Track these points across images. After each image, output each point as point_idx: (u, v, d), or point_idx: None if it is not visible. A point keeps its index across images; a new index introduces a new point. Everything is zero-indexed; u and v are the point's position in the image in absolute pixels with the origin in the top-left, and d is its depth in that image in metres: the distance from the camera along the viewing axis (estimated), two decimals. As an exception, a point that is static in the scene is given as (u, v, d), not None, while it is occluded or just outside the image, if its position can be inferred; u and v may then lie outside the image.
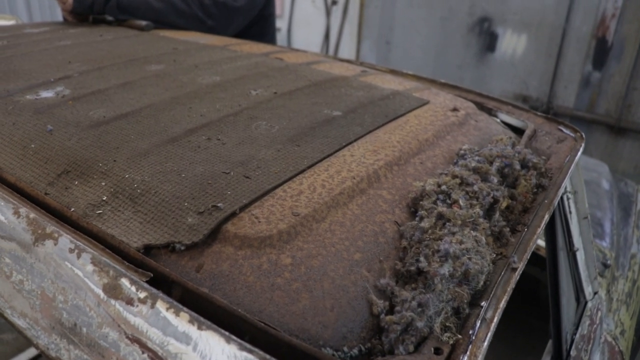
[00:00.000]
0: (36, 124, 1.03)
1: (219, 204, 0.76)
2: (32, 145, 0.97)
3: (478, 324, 0.70)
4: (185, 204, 0.77)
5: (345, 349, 0.66)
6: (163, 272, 0.68)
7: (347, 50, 6.22)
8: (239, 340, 0.57)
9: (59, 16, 5.64)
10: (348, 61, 1.70)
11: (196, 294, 0.66)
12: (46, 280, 0.72)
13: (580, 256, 1.58)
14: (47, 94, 1.18)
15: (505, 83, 5.37)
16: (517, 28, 5.15)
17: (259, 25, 2.29)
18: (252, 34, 2.21)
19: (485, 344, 0.68)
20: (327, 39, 6.34)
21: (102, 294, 0.65)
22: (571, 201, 1.42)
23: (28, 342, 0.77)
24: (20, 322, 0.77)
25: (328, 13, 6.27)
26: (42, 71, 1.34)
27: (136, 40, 1.71)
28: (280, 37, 6.38)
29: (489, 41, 5.40)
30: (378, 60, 6.09)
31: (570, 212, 1.43)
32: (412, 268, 0.76)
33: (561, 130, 1.34)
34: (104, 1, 1.99)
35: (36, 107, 1.10)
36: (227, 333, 0.58)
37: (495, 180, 0.94)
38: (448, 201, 0.87)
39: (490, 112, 1.43)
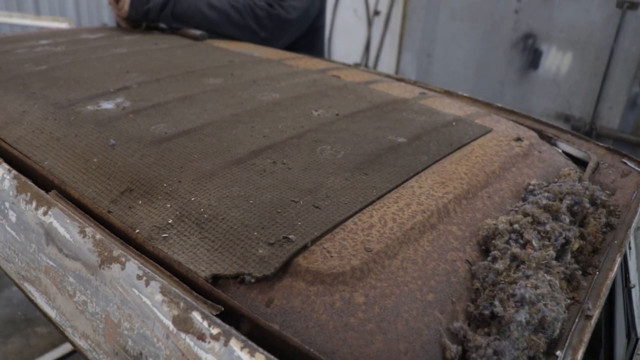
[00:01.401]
0: (98, 137, 1.03)
1: (290, 236, 0.74)
2: (95, 159, 0.96)
3: None
4: (255, 233, 0.75)
5: (420, 396, 0.63)
6: (233, 305, 0.66)
7: (387, 61, 6.18)
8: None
9: (104, 18, 5.72)
10: (402, 80, 1.67)
11: (267, 331, 0.64)
12: (112, 305, 0.70)
13: (635, 293, 1.53)
14: (107, 105, 1.17)
15: (548, 101, 5.27)
16: (563, 46, 5.06)
17: (309, 37, 2.28)
18: (302, 45, 2.20)
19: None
20: (367, 49, 6.31)
21: (171, 326, 0.63)
22: (632, 237, 1.38)
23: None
24: (81, 343, 0.75)
25: (370, 23, 6.25)
26: (102, 80, 1.34)
27: (191, 50, 1.71)
28: (321, 46, 6.36)
29: (533, 58, 5.31)
30: (418, 73, 6.05)
31: (630, 248, 1.38)
32: (486, 312, 0.73)
33: (625, 163, 1.29)
34: (159, 9, 2.00)
35: (97, 118, 1.10)
36: (304, 379, 0.56)
37: (567, 219, 0.91)
38: (520, 241, 0.84)
39: (550, 140, 1.39)
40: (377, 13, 6.21)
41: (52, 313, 0.80)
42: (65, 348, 3.07)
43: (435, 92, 1.56)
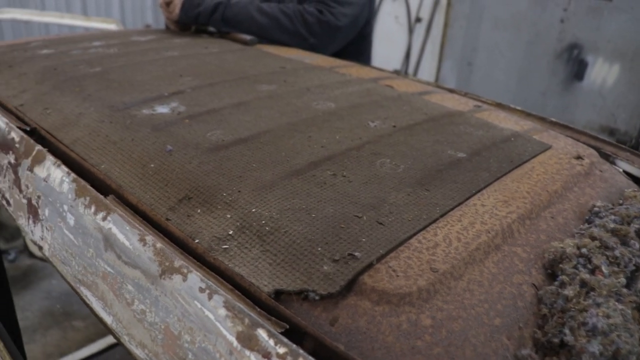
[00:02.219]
0: (155, 142, 1.02)
1: (355, 253, 0.72)
2: (152, 165, 0.96)
3: None
4: (319, 248, 0.73)
5: None
6: (297, 323, 0.65)
7: (428, 69, 6.14)
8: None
9: (148, 19, 5.80)
10: (453, 91, 1.64)
11: (332, 351, 0.62)
12: (172, 317, 0.69)
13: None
14: (162, 109, 1.17)
15: (592, 114, 5.16)
16: (610, 57, 4.95)
17: (357, 44, 2.26)
18: (349, 52, 2.18)
19: None
20: (407, 56, 6.27)
21: (235, 342, 0.62)
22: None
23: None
24: (137, 352, 0.75)
25: (411, 30, 6.21)
26: (155, 84, 1.34)
27: (242, 55, 1.71)
28: (361, 51, 6.34)
29: (578, 69, 5.20)
30: (458, 81, 5.98)
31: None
32: (555, 340, 0.70)
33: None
34: (210, 13, 2.00)
35: (153, 123, 1.10)
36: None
37: (637, 245, 0.87)
38: (589, 266, 0.81)
39: (609, 158, 1.35)
40: (418, 20, 6.17)
41: (108, 319, 0.80)
42: (101, 344, 3.11)
43: (487, 105, 1.53)
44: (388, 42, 6.38)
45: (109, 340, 3.07)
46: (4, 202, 1.11)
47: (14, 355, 1.33)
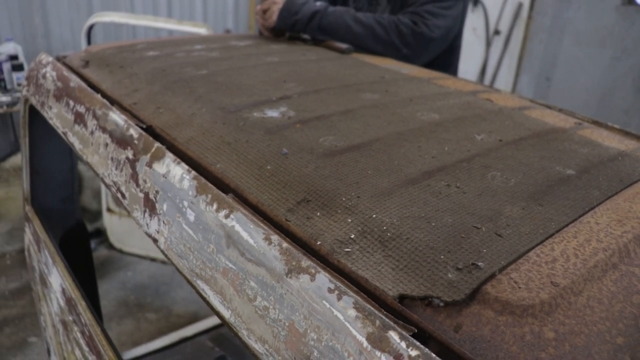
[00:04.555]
0: (269, 145, 1.06)
1: (478, 263, 0.74)
2: (268, 167, 0.99)
3: None
4: (442, 256, 0.75)
5: None
6: (423, 327, 0.67)
7: (504, 82, 6.06)
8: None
9: (229, 23, 5.95)
10: (549, 107, 1.64)
11: (458, 356, 0.64)
12: (297, 315, 0.72)
13: None
14: (272, 113, 1.22)
15: (677, 135, 4.97)
16: (701, 77, 4.76)
17: (446, 56, 2.28)
18: (439, 63, 2.20)
19: None
20: (484, 69, 6.21)
21: (365, 343, 0.65)
22: None
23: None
24: (256, 346, 0.78)
25: (488, 43, 6.14)
26: (262, 88, 1.39)
27: (340, 63, 1.75)
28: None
29: (664, 87, 5.03)
30: (535, 96, 5.88)
31: None
32: (677, 362, 0.70)
33: None
34: (307, 21, 2.06)
35: (266, 126, 1.14)
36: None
37: None
38: None
39: None
40: (497, 33, 6.10)
41: (226, 313, 0.84)
42: (173, 336, 3.21)
43: (587, 122, 1.51)
44: (464, 54, 6.30)
45: (181, 333, 3.16)
46: (119, 195, 1.17)
47: (108, 340, 1.41)
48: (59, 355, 1.96)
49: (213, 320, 3.17)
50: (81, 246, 2.30)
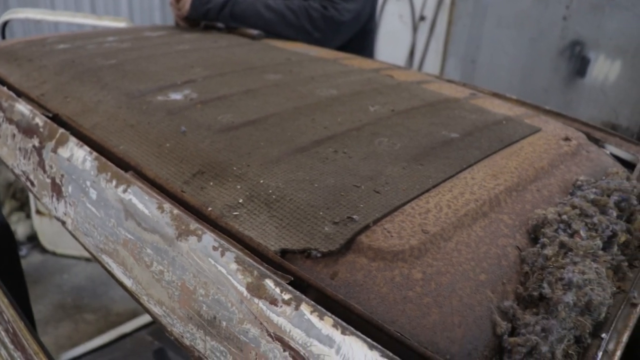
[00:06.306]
0: (170, 125, 1.10)
1: (353, 216, 0.80)
2: (167, 145, 1.03)
3: (599, 355, 0.71)
4: (321, 213, 0.81)
5: (471, 365, 0.68)
6: (301, 276, 0.73)
7: (431, 67, 6.20)
8: (381, 347, 0.60)
9: (156, 19, 5.88)
10: (451, 81, 1.72)
11: (333, 300, 0.70)
12: (187, 274, 0.77)
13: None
14: (176, 96, 1.25)
15: (594, 110, 5.22)
16: (612, 54, 5.00)
17: (360, 39, 2.34)
18: (353, 47, 2.26)
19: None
20: (412, 54, 6.34)
21: (245, 292, 0.70)
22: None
23: (162, 329, 0.83)
24: (155, 309, 0.82)
25: (415, 29, 6.28)
26: (168, 74, 1.42)
27: (250, 48, 1.79)
28: (365, 50, 6.41)
29: (580, 66, 5.26)
30: (462, 79, 6.04)
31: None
32: (535, 293, 0.77)
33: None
34: (219, 9, 2.09)
35: (168, 108, 1.18)
36: (369, 340, 0.61)
37: (614, 214, 0.95)
38: (569, 230, 0.88)
39: (598, 142, 1.42)
40: (422, 18, 6.23)
41: (128, 282, 0.88)
42: (112, 334, 3.19)
43: (484, 94, 1.60)
44: (392, 40, 6.45)
45: (120, 330, 3.14)
46: (28, 184, 1.18)
47: (40, 344, 1.41)
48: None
49: (151, 315, 3.16)
50: (7, 249, 2.27)
